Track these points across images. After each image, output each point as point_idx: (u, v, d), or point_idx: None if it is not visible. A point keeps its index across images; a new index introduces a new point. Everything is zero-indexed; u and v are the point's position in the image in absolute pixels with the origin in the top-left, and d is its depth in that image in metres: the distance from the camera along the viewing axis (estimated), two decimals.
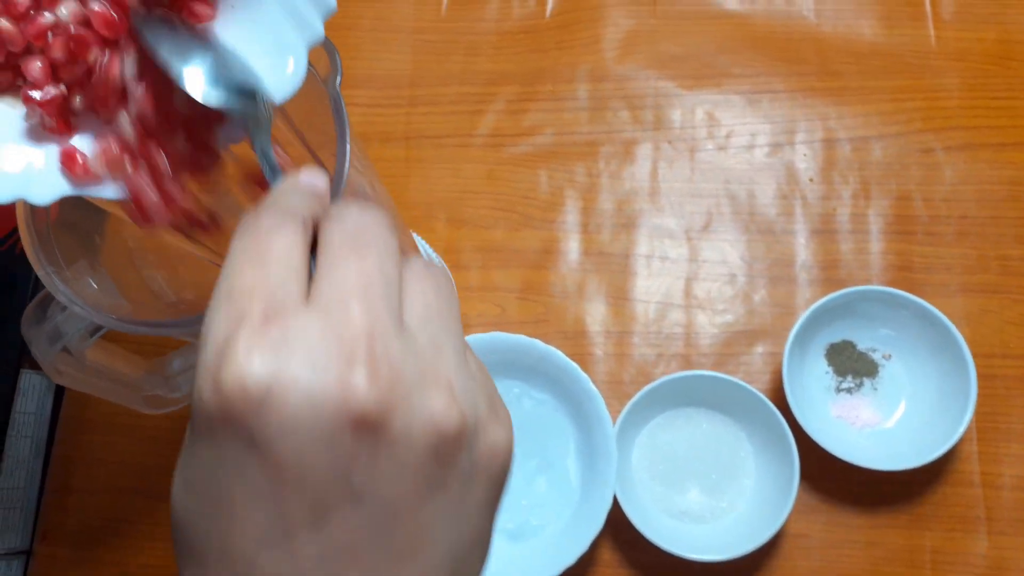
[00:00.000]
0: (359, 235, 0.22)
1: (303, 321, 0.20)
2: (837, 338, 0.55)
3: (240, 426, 0.19)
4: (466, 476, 0.21)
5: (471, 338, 0.52)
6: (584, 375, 0.51)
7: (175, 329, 0.33)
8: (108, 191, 0.28)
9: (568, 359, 0.51)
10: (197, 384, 0.20)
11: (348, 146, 0.33)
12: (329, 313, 0.20)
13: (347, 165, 0.33)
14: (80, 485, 0.59)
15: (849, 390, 0.54)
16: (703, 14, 0.62)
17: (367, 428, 0.19)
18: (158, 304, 0.41)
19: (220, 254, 0.46)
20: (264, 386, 0.19)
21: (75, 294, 0.33)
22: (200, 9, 0.28)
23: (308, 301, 0.21)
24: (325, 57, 0.34)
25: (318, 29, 0.28)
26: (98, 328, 0.37)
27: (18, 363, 0.62)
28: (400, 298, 0.22)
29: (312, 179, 0.25)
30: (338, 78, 0.33)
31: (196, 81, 0.26)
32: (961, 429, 0.49)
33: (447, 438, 0.20)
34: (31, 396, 0.62)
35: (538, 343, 0.52)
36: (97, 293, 0.36)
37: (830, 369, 0.54)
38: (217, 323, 0.20)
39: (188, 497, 0.21)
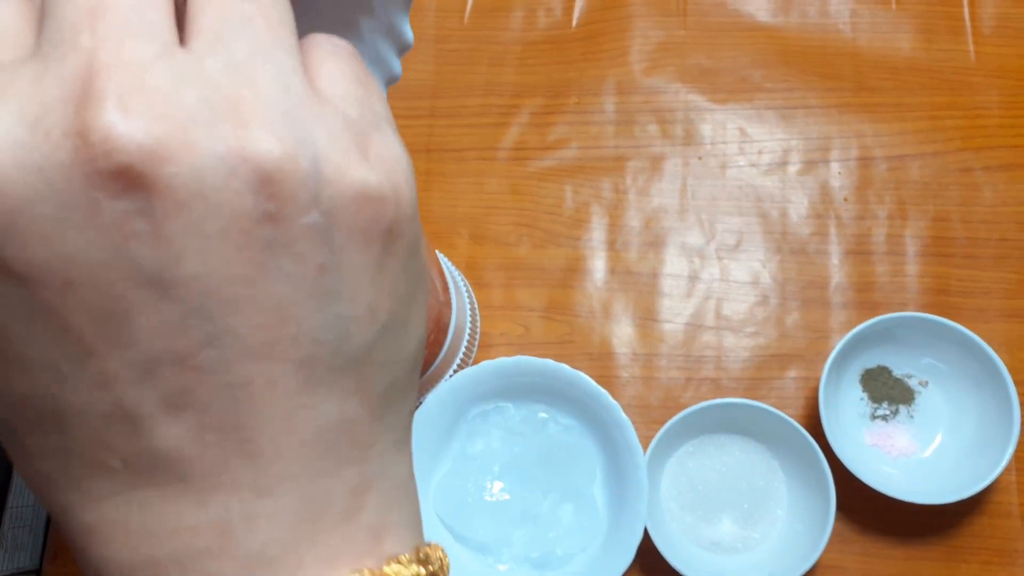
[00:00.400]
0: None
1: (13, 74, 0.14)
2: (872, 363, 0.53)
3: None
4: (319, 235, 0.15)
5: (496, 362, 0.51)
6: (614, 402, 0.49)
7: None
8: None
9: (597, 385, 0.49)
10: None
11: None
12: (51, 54, 0.14)
13: None
14: None
15: (884, 417, 0.52)
16: (735, 26, 0.60)
17: (132, 187, 0.13)
18: None
19: None
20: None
21: None
22: None
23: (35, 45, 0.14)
24: None
25: (395, 68, 0.25)
26: None
27: None
28: (172, 19, 0.15)
29: None
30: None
31: None
32: (1003, 462, 0.47)
33: (269, 184, 0.14)
34: None
35: (565, 367, 0.50)
36: None
37: (865, 395, 0.53)
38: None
39: None
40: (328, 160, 0.15)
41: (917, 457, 0.52)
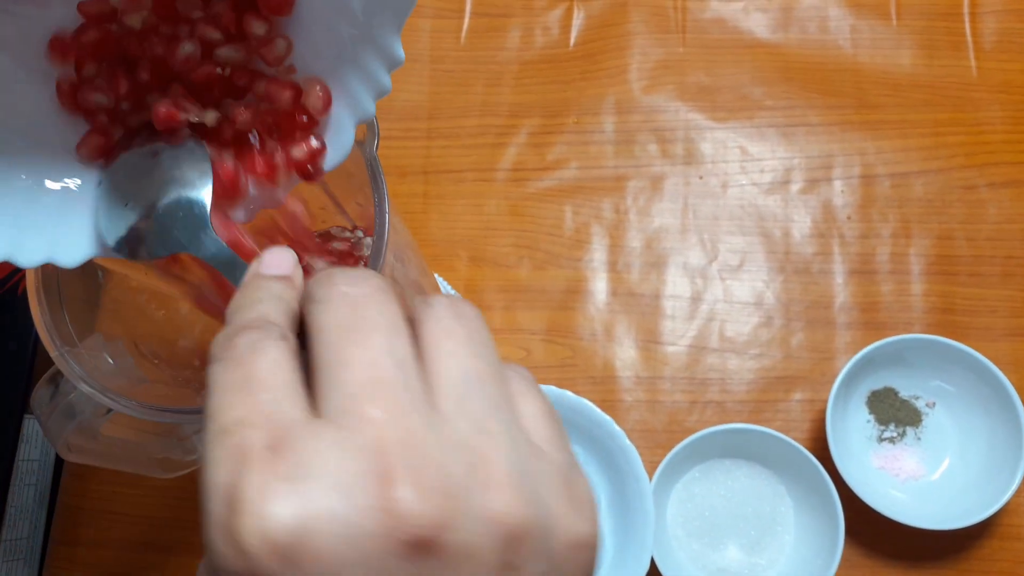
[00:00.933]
0: (352, 314, 0.18)
1: (316, 441, 0.17)
2: (879, 385, 0.52)
3: None
4: None
5: None
6: (619, 430, 0.48)
7: (193, 417, 0.31)
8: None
9: (602, 412, 0.49)
10: (209, 542, 0.16)
11: (387, 216, 0.30)
12: (343, 424, 0.17)
13: (386, 235, 0.30)
14: (86, 537, 0.56)
15: (891, 439, 0.52)
16: (734, 43, 0.60)
17: (423, 553, 0.16)
18: (171, 375, 0.39)
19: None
20: (292, 533, 0.16)
21: (90, 373, 0.31)
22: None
23: (314, 416, 0.17)
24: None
25: (385, 83, 0.25)
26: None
27: (21, 409, 0.59)
28: (422, 375, 0.18)
29: (276, 263, 0.22)
30: (375, 142, 0.31)
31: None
32: (1014, 486, 0.47)
33: (514, 542, 0.17)
34: (34, 443, 0.60)
35: (569, 394, 0.49)
36: (113, 368, 0.34)
37: (871, 417, 0.52)
38: (216, 467, 0.17)
39: None
40: (555, 515, 0.18)
41: (925, 480, 0.51)
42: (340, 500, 0.16)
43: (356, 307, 0.18)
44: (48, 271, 0.32)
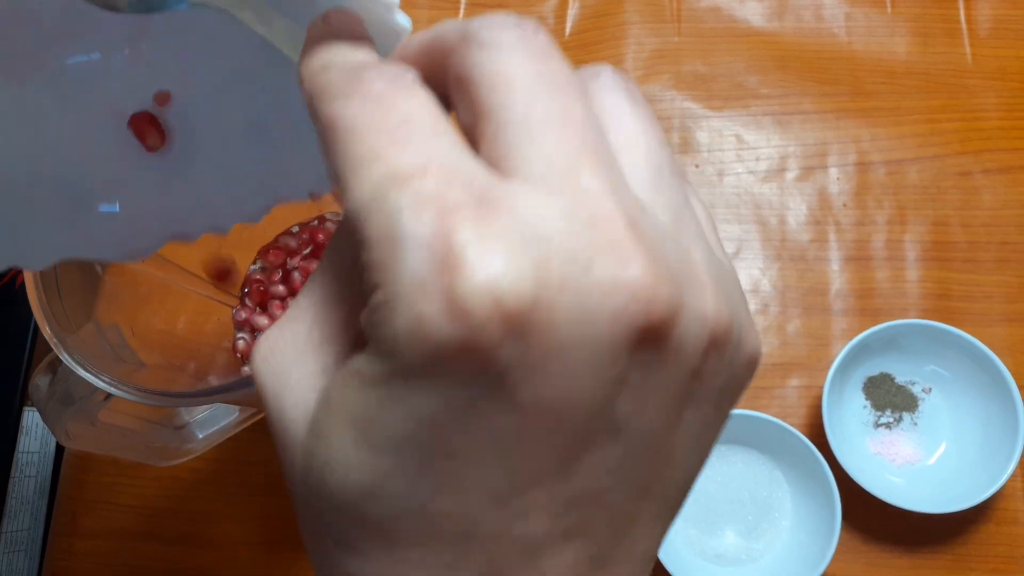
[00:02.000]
0: (542, 66, 0.15)
1: (534, 203, 0.14)
2: (875, 371, 0.53)
3: (492, 358, 0.13)
4: (720, 392, 0.17)
5: None
6: None
7: (196, 399, 0.31)
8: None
9: None
10: (406, 312, 0.13)
11: None
12: (558, 190, 0.14)
13: None
14: (86, 528, 0.56)
15: (888, 425, 0.52)
16: (730, 32, 0.60)
17: (649, 343, 0.14)
18: (168, 362, 0.39)
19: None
20: (527, 299, 0.13)
21: (88, 359, 0.31)
22: None
23: (508, 177, 0.14)
24: None
25: (401, 21, 0.22)
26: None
27: (20, 401, 0.59)
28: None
29: (345, 19, 0.18)
30: None
31: None
32: (1009, 469, 0.47)
33: (714, 347, 0.15)
34: (34, 434, 0.60)
35: None
36: (110, 354, 0.34)
37: (868, 403, 0.52)
38: (405, 215, 0.13)
39: (377, 460, 0.15)
40: (745, 327, 0.17)
41: (922, 465, 0.51)
42: (579, 271, 0.13)
43: (543, 58, 0.15)
44: (52, 294, 0.32)
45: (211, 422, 0.46)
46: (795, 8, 0.60)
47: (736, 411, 0.49)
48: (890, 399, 0.52)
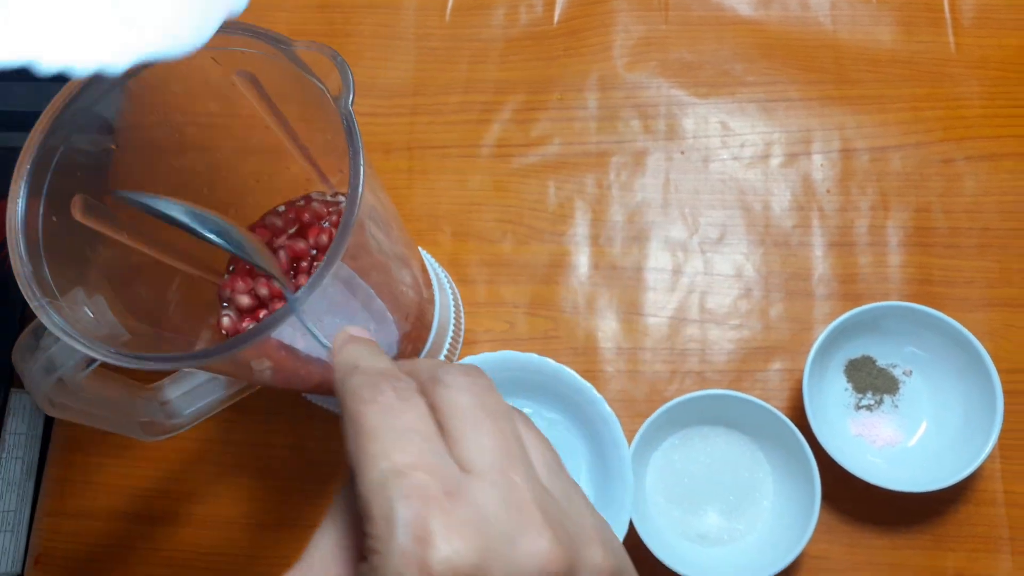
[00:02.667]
0: (481, 401, 0.25)
1: (483, 494, 0.23)
2: (857, 354, 0.53)
3: None
4: None
5: (480, 356, 0.51)
6: (599, 396, 0.49)
7: (177, 363, 0.31)
8: None
9: (582, 379, 0.49)
10: (393, 567, 0.21)
11: (362, 168, 0.31)
12: (495, 483, 0.23)
13: (361, 186, 0.31)
14: (74, 508, 0.57)
15: (869, 407, 0.52)
16: (716, 20, 0.60)
17: None
18: (152, 333, 0.39)
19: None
20: (474, 567, 0.21)
21: (71, 325, 0.31)
22: None
23: (466, 471, 0.23)
24: (336, 73, 0.32)
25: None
26: (94, 359, 0.35)
27: (8, 383, 0.60)
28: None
29: (363, 335, 0.30)
30: (351, 96, 0.31)
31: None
32: (987, 449, 0.47)
33: None
34: (22, 416, 0.60)
35: (550, 362, 0.50)
36: (93, 322, 0.34)
37: (849, 386, 0.53)
38: (399, 503, 0.22)
39: None
40: (625, 569, 0.25)
41: (902, 446, 0.52)
42: (509, 545, 0.22)
43: (482, 395, 0.25)
44: (30, 226, 0.33)
45: (196, 398, 0.46)
46: None
47: (717, 392, 0.50)
48: (871, 381, 0.53)
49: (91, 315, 0.34)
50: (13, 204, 0.32)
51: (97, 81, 0.34)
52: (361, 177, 0.31)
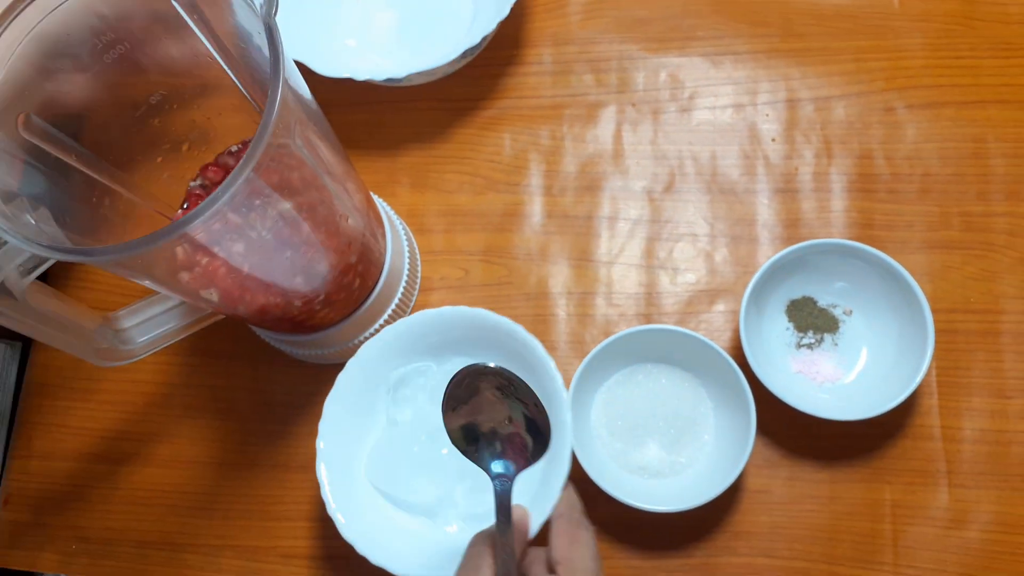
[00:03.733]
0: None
1: None
2: (797, 294, 0.54)
3: None
4: None
5: (433, 311, 0.51)
6: (532, 338, 0.49)
7: (106, 256, 0.33)
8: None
9: (510, 321, 0.49)
10: None
11: (283, 69, 0.32)
12: None
13: (281, 88, 0.32)
14: (42, 450, 0.58)
15: (810, 346, 0.54)
16: None
17: None
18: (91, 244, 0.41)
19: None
20: None
21: (11, 225, 0.33)
22: None
23: None
24: None
25: None
26: (34, 267, 0.37)
27: None
28: None
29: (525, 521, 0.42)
30: (274, 8, 0.33)
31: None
32: (918, 379, 0.49)
33: None
34: None
35: (489, 314, 0.50)
36: (36, 229, 0.36)
37: (791, 325, 0.54)
38: None
39: None
40: None
41: (841, 383, 0.53)
42: None
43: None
44: None
45: (152, 327, 0.48)
46: None
47: (663, 327, 0.51)
48: (812, 321, 0.54)
49: (33, 223, 0.36)
50: None
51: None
52: (281, 78, 0.32)
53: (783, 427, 0.53)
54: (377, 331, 0.54)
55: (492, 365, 0.41)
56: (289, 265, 0.43)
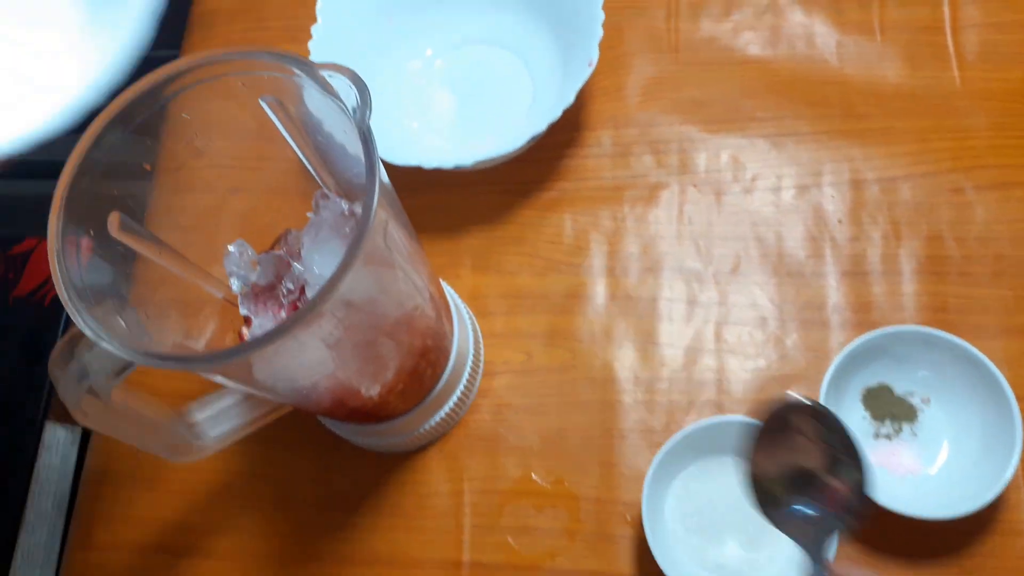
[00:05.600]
0: None
1: None
2: (873, 382, 0.53)
3: None
4: None
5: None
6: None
7: (203, 364, 0.33)
8: None
9: None
10: None
11: (379, 175, 0.33)
12: None
13: (376, 198, 0.33)
14: (102, 541, 0.57)
15: (888, 436, 0.52)
16: (726, 60, 0.63)
17: None
18: (181, 347, 0.41)
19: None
20: None
21: (104, 330, 0.33)
22: None
23: None
24: (355, 91, 0.34)
25: None
26: (124, 368, 0.37)
27: (43, 416, 0.62)
28: None
29: None
30: (368, 112, 0.33)
31: None
32: (1008, 475, 0.47)
33: None
34: (55, 450, 0.62)
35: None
36: (125, 331, 0.36)
37: (867, 414, 0.53)
38: None
39: None
40: None
41: (924, 475, 0.51)
42: None
43: None
44: (69, 236, 0.35)
45: (222, 421, 0.47)
46: (788, 37, 0.63)
47: (735, 417, 0.50)
48: (889, 410, 0.52)
49: (124, 325, 0.36)
50: (53, 215, 0.35)
51: (139, 102, 0.37)
52: (377, 183, 0.32)
53: (866, 522, 0.51)
54: (443, 420, 0.54)
55: (807, 400, 0.37)
56: (369, 359, 0.42)
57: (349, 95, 0.34)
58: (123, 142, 0.37)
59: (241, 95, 0.39)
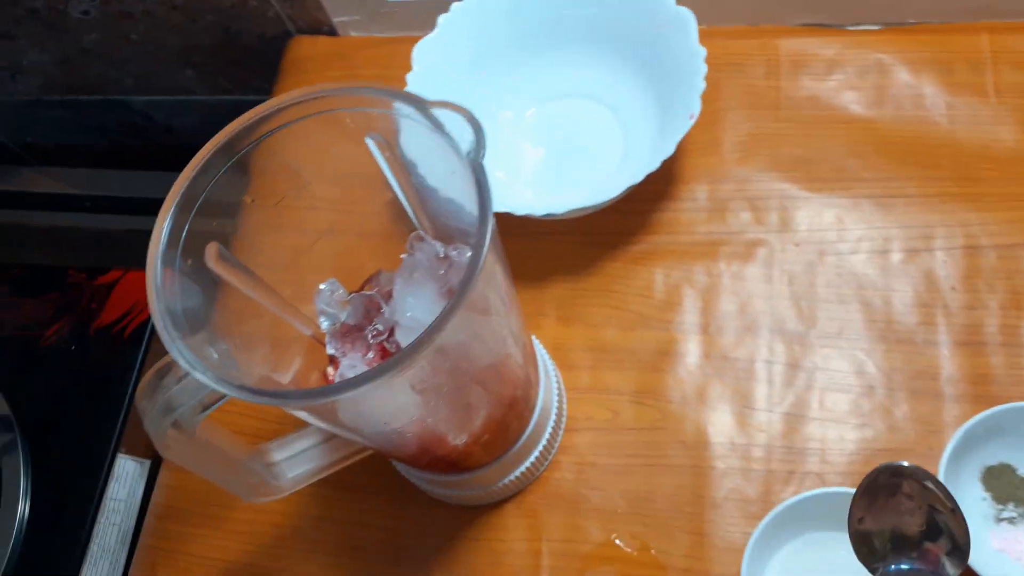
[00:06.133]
0: None
1: None
2: (994, 461, 0.49)
3: None
4: None
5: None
6: None
7: (301, 400, 0.31)
8: None
9: None
10: None
11: (491, 218, 0.31)
12: None
13: (487, 241, 0.31)
14: None
15: (1011, 520, 0.48)
16: (828, 118, 0.60)
17: None
18: (268, 381, 0.39)
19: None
20: None
21: (202, 364, 0.32)
22: None
23: None
24: (470, 129, 0.33)
25: None
26: (211, 402, 0.35)
27: (116, 447, 0.61)
28: None
29: None
30: (483, 152, 0.32)
31: None
32: None
33: None
34: (124, 482, 0.61)
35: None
36: (217, 363, 0.35)
37: (988, 496, 0.48)
38: None
39: None
40: None
41: None
42: None
43: None
44: (167, 263, 0.34)
45: (300, 463, 0.46)
46: (894, 97, 0.60)
47: (841, 489, 0.46)
48: (1013, 492, 0.48)
49: (215, 356, 0.35)
50: (155, 243, 0.34)
51: (243, 135, 0.36)
52: (489, 224, 0.31)
53: None
54: (523, 474, 0.51)
55: (907, 464, 0.39)
56: (459, 406, 0.40)
57: (461, 135, 0.33)
58: (225, 174, 0.37)
59: (348, 129, 0.39)
